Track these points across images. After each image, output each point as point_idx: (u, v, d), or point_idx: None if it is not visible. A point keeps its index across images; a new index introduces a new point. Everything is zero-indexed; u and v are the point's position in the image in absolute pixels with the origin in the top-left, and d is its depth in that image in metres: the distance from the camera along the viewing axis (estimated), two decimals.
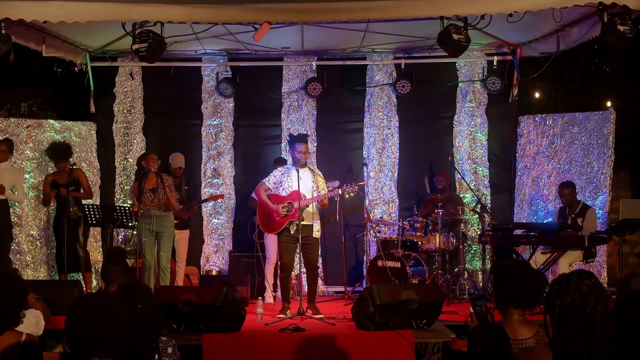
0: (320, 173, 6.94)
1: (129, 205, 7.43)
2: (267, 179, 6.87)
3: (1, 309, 2.82)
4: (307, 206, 6.62)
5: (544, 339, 2.91)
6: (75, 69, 8.83)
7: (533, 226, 7.72)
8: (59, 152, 7.67)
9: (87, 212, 7.15)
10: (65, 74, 9.15)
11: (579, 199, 7.71)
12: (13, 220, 7.98)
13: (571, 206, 7.58)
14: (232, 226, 8.86)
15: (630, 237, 7.68)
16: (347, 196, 6.75)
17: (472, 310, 3.25)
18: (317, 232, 6.75)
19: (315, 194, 6.67)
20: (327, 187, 6.81)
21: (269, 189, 6.79)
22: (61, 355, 2.59)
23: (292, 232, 6.61)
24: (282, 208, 6.63)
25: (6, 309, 2.84)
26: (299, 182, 6.47)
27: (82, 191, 7.58)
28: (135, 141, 8.82)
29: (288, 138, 7.14)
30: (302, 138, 6.81)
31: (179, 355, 3.17)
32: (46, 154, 7.99)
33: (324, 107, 8.90)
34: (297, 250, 6.79)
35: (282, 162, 8.25)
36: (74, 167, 7.64)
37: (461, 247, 8.11)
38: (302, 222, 6.46)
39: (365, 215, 8.11)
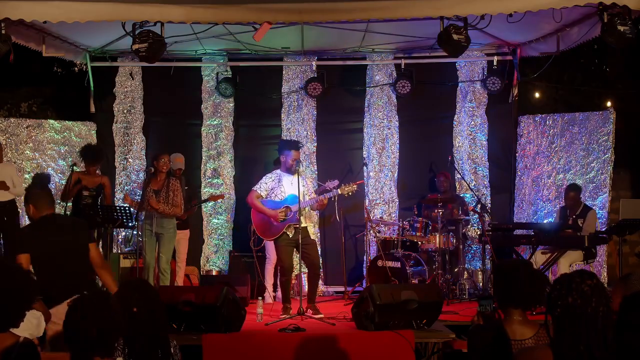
0: (308, 176, 6.95)
1: (128, 205, 7.43)
2: (257, 186, 6.80)
3: (9, 307, 2.82)
4: (304, 209, 6.63)
5: (544, 339, 2.91)
6: (75, 69, 8.84)
7: (533, 226, 7.73)
8: (93, 154, 7.63)
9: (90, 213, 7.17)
10: (65, 74, 9.15)
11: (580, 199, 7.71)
12: None
13: (573, 207, 7.58)
14: (232, 226, 8.86)
15: (630, 237, 7.69)
16: (346, 195, 6.74)
17: (478, 310, 3.26)
18: (312, 235, 6.77)
19: (307, 197, 6.69)
20: (326, 187, 6.84)
21: (261, 196, 6.77)
22: (72, 356, 2.59)
23: (290, 236, 6.61)
24: (280, 213, 6.62)
25: (14, 308, 2.83)
26: (299, 187, 6.47)
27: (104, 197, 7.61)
28: (135, 141, 8.82)
29: (280, 143, 7.10)
30: (296, 145, 6.79)
31: (179, 356, 3.17)
32: (79, 153, 7.90)
33: (324, 107, 8.90)
34: (295, 253, 6.80)
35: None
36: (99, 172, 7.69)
37: (461, 247, 8.11)
38: (301, 225, 6.48)
39: (365, 215, 8.11)
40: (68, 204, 7.49)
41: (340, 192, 6.67)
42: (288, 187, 6.63)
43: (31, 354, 2.75)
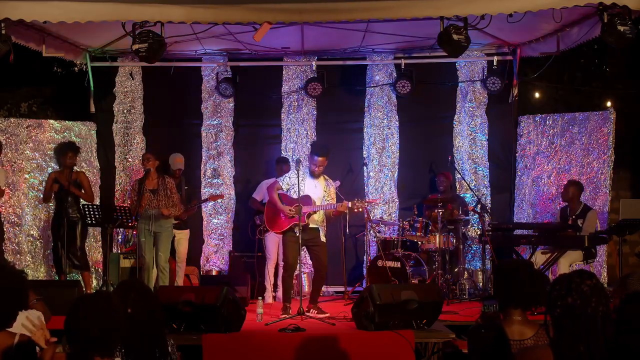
0: (333, 184, 6.94)
1: (128, 205, 7.44)
2: (281, 178, 6.88)
3: (1, 306, 2.82)
4: (315, 213, 6.65)
5: (544, 339, 2.91)
6: (75, 69, 8.83)
7: (533, 226, 7.73)
8: (61, 147, 7.67)
9: (86, 213, 7.16)
10: (65, 74, 9.14)
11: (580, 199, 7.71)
12: (13, 220, 7.98)
13: (572, 207, 7.58)
14: (232, 226, 8.86)
15: (630, 237, 7.68)
16: (356, 210, 6.71)
17: (482, 310, 3.27)
18: (323, 237, 6.79)
19: (324, 202, 6.72)
20: (329, 187, 6.87)
21: (281, 188, 6.81)
22: (68, 355, 2.60)
23: (297, 234, 6.62)
24: (290, 210, 6.63)
25: (6, 308, 2.84)
26: (314, 189, 6.57)
27: (82, 191, 7.56)
28: (135, 141, 8.82)
29: (311, 145, 7.10)
30: (324, 151, 6.73)
31: (177, 355, 3.17)
32: (53, 153, 7.96)
33: (324, 107, 8.89)
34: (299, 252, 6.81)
35: (284, 161, 8.26)
36: (75, 168, 7.63)
37: (461, 247, 8.11)
38: (309, 226, 6.55)
39: (365, 215, 8.10)
40: (50, 205, 7.55)
41: (350, 206, 6.61)
42: (309, 188, 6.66)
43: (28, 352, 2.75)
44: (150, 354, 2.98)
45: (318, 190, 6.72)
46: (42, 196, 7.81)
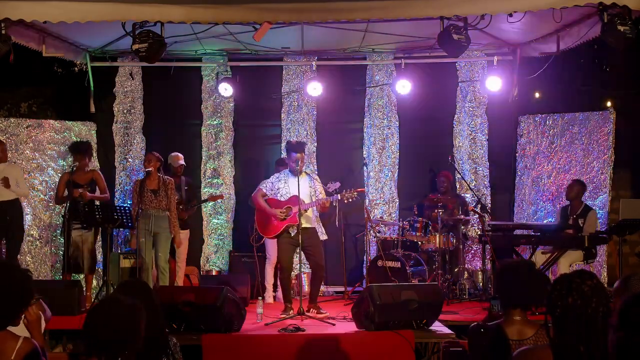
0: (317, 177, 6.96)
1: (128, 205, 7.42)
2: (264, 184, 6.91)
3: (6, 305, 2.82)
4: (307, 211, 6.63)
5: (544, 339, 2.91)
6: (75, 69, 8.82)
7: (533, 226, 7.74)
8: (79, 146, 7.62)
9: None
10: (65, 74, 9.13)
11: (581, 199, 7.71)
12: None
13: (573, 206, 7.58)
14: (232, 226, 8.87)
15: (630, 237, 7.67)
16: (346, 201, 6.73)
17: (489, 309, 3.28)
18: (322, 235, 6.78)
19: (313, 199, 6.69)
20: (328, 189, 6.84)
21: (266, 194, 6.83)
22: (70, 355, 2.58)
23: (292, 235, 6.62)
24: (280, 212, 6.64)
25: (10, 306, 2.83)
26: (299, 188, 6.49)
27: (97, 192, 7.51)
28: (135, 141, 8.82)
29: (286, 145, 7.10)
30: (299, 147, 6.76)
31: (180, 355, 3.16)
32: (69, 149, 7.91)
33: (324, 107, 8.89)
34: (296, 252, 6.80)
35: (284, 163, 8.24)
36: (88, 167, 7.62)
37: (461, 247, 8.11)
38: (303, 226, 6.50)
39: (365, 215, 8.11)
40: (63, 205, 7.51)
41: (340, 198, 6.67)
42: (293, 188, 6.63)
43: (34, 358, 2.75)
44: (152, 354, 2.97)
45: (302, 189, 6.63)
46: (54, 198, 7.75)
